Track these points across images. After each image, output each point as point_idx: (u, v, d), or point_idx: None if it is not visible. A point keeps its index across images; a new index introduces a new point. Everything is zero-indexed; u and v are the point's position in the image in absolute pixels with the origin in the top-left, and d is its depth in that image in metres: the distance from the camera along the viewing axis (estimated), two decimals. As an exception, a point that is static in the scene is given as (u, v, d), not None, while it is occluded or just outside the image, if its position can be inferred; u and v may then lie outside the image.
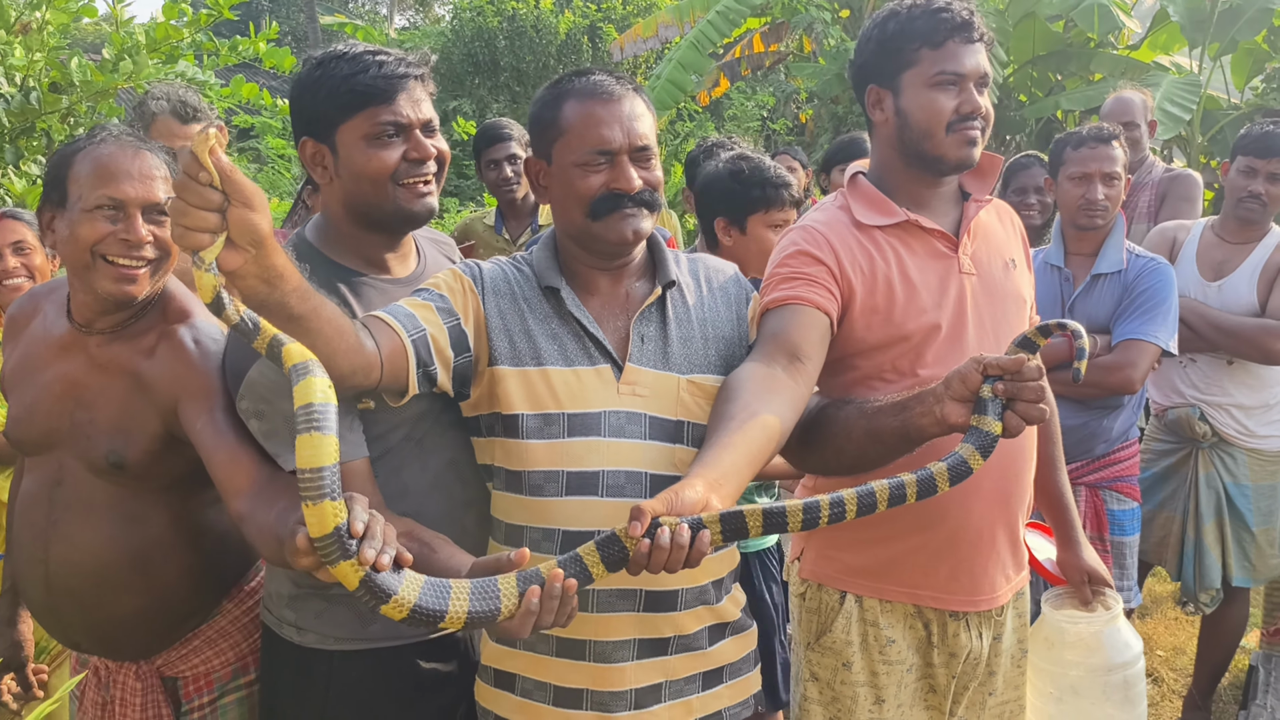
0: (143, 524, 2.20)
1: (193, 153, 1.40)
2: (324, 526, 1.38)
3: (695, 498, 1.58)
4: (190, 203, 1.42)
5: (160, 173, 2.11)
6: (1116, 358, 3.26)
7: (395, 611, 1.45)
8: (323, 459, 1.36)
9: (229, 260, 1.46)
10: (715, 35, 11.25)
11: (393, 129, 1.99)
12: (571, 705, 1.97)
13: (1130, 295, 3.32)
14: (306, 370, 1.40)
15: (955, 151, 2.13)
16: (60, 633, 2.36)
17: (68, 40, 4.75)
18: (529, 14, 16.49)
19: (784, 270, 2.12)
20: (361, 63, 1.98)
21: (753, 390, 1.85)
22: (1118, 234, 3.43)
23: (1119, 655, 2.31)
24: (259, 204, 1.46)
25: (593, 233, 1.97)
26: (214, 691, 2.35)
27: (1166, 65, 11.12)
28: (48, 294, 2.34)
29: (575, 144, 1.95)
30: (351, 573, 1.41)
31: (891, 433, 1.87)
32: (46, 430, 2.22)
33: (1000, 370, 1.70)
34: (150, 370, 2.14)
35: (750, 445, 1.74)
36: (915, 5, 2.14)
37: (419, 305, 1.90)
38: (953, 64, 2.10)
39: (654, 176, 1.98)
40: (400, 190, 2.01)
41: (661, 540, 1.53)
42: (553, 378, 1.95)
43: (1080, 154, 3.43)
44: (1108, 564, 3.34)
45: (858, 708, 2.22)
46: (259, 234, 1.47)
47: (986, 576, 2.21)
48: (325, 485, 1.37)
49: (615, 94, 1.96)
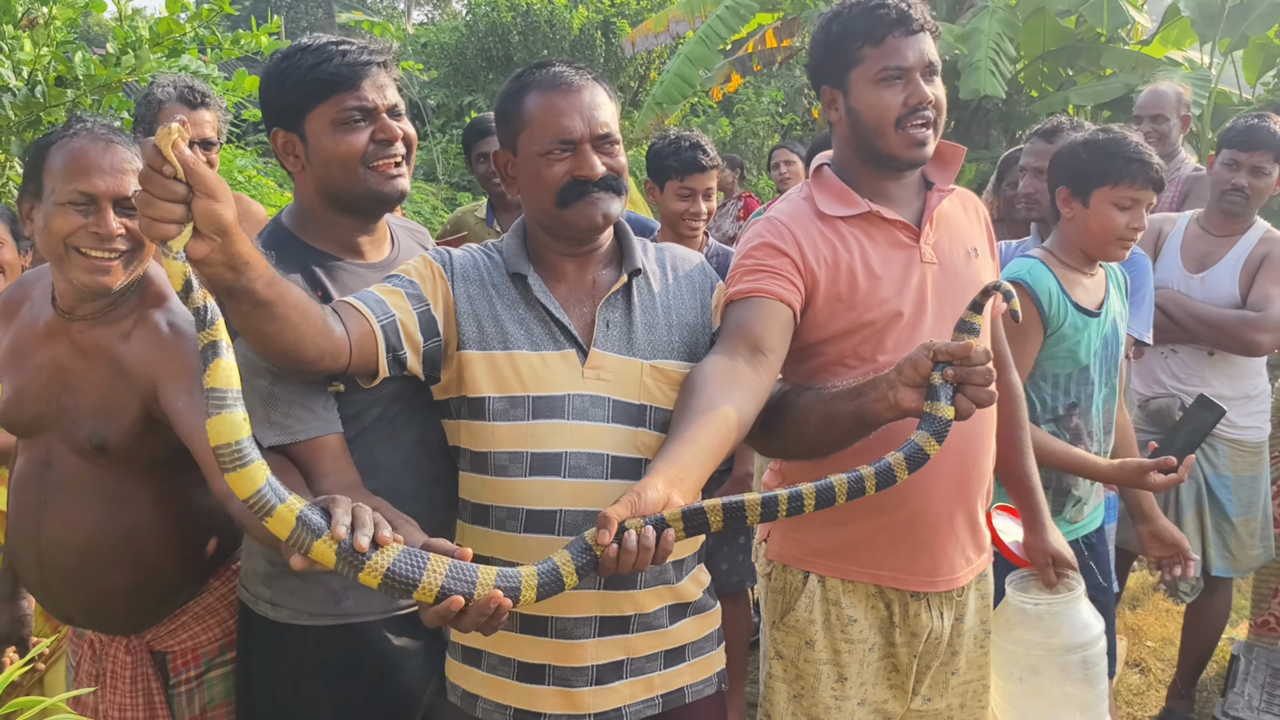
0: (129, 504, 2.26)
1: (156, 146, 1.45)
2: (254, 484, 1.47)
3: (656, 497, 1.64)
4: (155, 194, 1.47)
5: (132, 166, 2.15)
6: None
7: (371, 578, 1.51)
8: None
9: (196, 249, 1.52)
10: (724, 30, 11.27)
11: (359, 114, 2.06)
12: (535, 680, 2.03)
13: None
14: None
15: (905, 151, 2.18)
16: (53, 607, 2.44)
17: (74, 35, 4.82)
18: (543, 9, 16.54)
19: (748, 262, 2.16)
20: (325, 53, 2.05)
21: (715, 384, 1.90)
22: None
23: (1078, 636, 2.35)
24: (222, 195, 1.52)
25: (563, 220, 2.03)
26: (201, 666, 2.42)
27: (1178, 60, 11.08)
28: (36, 280, 2.41)
29: (538, 134, 2.01)
30: (327, 549, 1.49)
31: (847, 417, 1.92)
32: (35, 414, 2.28)
33: (949, 356, 1.74)
34: (127, 354, 2.20)
35: (711, 439, 1.79)
36: (855, 4, 2.19)
37: (389, 291, 1.96)
38: (894, 59, 2.15)
39: (616, 162, 2.04)
40: (370, 173, 2.08)
41: (629, 544, 1.59)
42: (518, 361, 2.00)
43: (1026, 147, 3.56)
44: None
45: (820, 685, 2.28)
46: (223, 223, 1.52)
47: (946, 558, 2.26)
48: (245, 454, 1.46)
49: (575, 84, 2.02)
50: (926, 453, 1.75)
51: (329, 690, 2.17)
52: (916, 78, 2.15)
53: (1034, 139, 3.53)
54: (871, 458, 1.85)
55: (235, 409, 1.44)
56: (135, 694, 2.36)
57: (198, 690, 2.42)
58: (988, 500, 2.36)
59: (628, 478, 1.98)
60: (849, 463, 1.95)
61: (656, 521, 1.62)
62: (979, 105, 11.89)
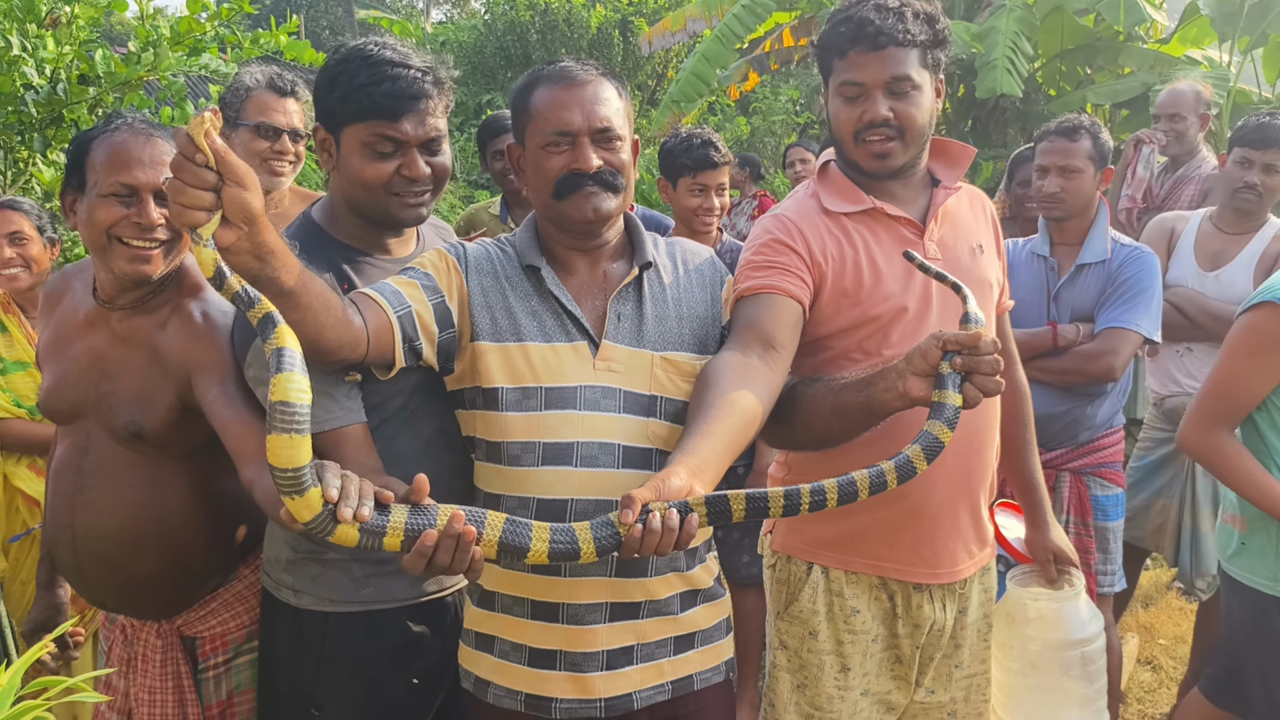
0: (163, 490, 2.32)
1: (188, 134, 1.49)
2: (312, 510, 1.51)
3: (680, 484, 1.67)
4: (187, 182, 1.51)
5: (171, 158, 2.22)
6: (1098, 345, 3.31)
7: (394, 540, 1.58)
8: (300, 459, 1.47)
9: (224, 236, 1.57)
10: (741, 29, 11.28)
11: (391, 145, 2.09)
12: (546, 665, 2.06)
13: (1114, 284, 3.37)
14: (289, 361, 1.47)
15: (866, 162, 2.22)
16: (87, 592, 2.50)
17: (97, 34, 4.88)
18: (561, 8, 16.60)
19: (757, 258, 2.20)
20: (378, 74, 2.06)
21: (730, 379, 1.93)
22: (1101, 223, 3.47)
23: (1077, 632, 2.37)
24: (251, 183, 1.56)
25: (559, 211, 2.07)
26: (229, 652, 2.48)
27: (1197, 59, 11.03)
28: (78, 273, 2.48)
29: (540, 127, 2.06)
30: (351, 531, 1.54)
31: (856, 408, 1.95)
32: (74, 401, 2.35)
33: (958, 345, 1.78)
34: (163, 343, 2.27)
35: (729, 432, 1.82)
36: (835, 13, 2.22)
37: (405, 283, 2.00)
38: (853, 73, 2.17)
39: (616, 159, 2.07)
40: (392, 199, 2.13)
41: (653, 524, 1.62)
42: (531, 353, 2.04)
43: (1042, 147, 3.53)
44: (1090, 548, 3.40)
45: (824, 675, 2.31)
46: (251, 211, 1.57)
47: (948, 550, 2.28)
48: (304, 481, 1.48)
49: (579, 79, 2.06)
50: (941, 441, 1.78)
51: (349, 676, 2.21)
52: (876, 95, 2.16)
53: (1053, 137, 3.51)
54: (879, 448, 1.88)
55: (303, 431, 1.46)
56: (165, 678, 2.42)
57: (225, 676, 2.48)
58: (991, 494, 2.38)
59: (639, 467, 2.02)
60: (856, 453, 1.99)
61: (681, 506, 1.65)
62: (996, 104, 11.87)
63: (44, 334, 2.48)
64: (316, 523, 1.52)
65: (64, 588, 2.77)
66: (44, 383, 2.43)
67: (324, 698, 2.22)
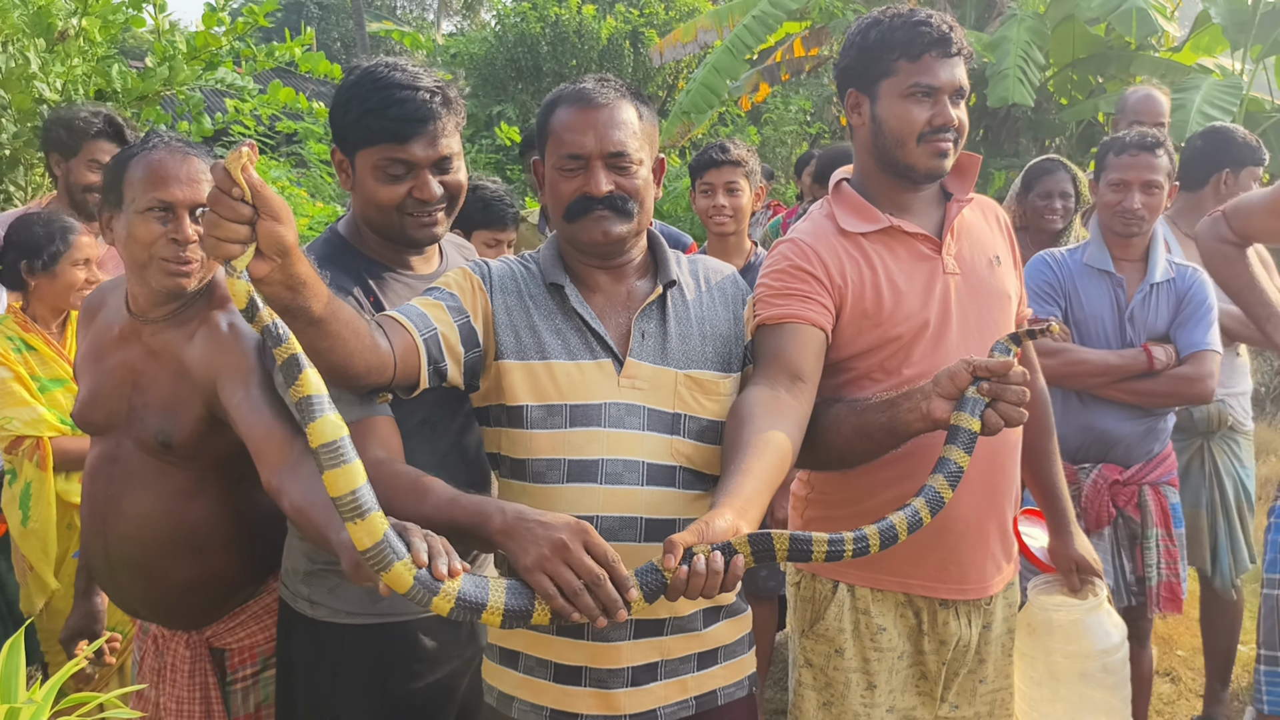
0: (193, 499, 2.35)
1: (225, 169, 1.51)
2: (374, 536, 1.52)
3: (725, 526, 1.68)
4: (223, 216, 1.52)
5: (206, 176, 2.28)
6: (1193, 370, 3.29)
7: (444, 603, 1.59)
8: (354, 482, 1.50)
9: (258, 268, 1.58)
10: (751, 40, 11.27)
11: (402, 168, 2.11)
12: (571, 682, 2.06)
13: (1187, 305, 3.35)
14: (317, 409, 1.50)
15: (926, 161, 2.21)
16: (120, 600, 2.53)
17: (115, 49, 4.91)
18: (571, 19, 16.63)
19: (777, 285, 2.20)
20: (388, 97, 2.09)
21: (762, 415, 1.95)
22: (1159, 240, 3.44)
23: (1100, 643, 2.36)
24: (286, 217, 1.58)
25: (570, 233, 2.09)
26: (257, 664, 2.50)
27: (1209, 67, 11.01)
28: (113, 288, 2.53)
29: (556, 148, 2.07)
30: (405, 572, 1.55)
31: (879, 428, 1.97)
32: (107, 413, 2.39)
33: (988, 371, 1.80)
34: (190, 354, 2.30)
35: (767, 470, 1.84)
36: (897, 16, 2.21)
37: (430, 304, 2.01)
38: (928, 77, 2.17)
39: (629, 183, 2.06)
40: (406, 219, 2.16)
41: (697, 566, 1.64)
42: (556, 370, 2.04)
43: (1122, 160, 3.37)
44: (1177, 558, 3.41)
45: (850, 693, 2.30)
46: (285, 245, 1.58)
47: (975, 566, 2.28)
48: (362, 503, 1.50)
49: (597, 101, 2.06)
50: (961, 467, 1.81)
51: (364, 688, 2.22)
52: (945, 100, 2.18)
53: (1135, 151, 3.36)
54: (898, 468, 1.88)
55: (351, 459, 1.50)
56: (193, 688, 2.43)
57: (253, 688, 2.50)
58: (1015, 506, 2.37)
59: (663, 484, 2.03)
60: (877, 473, 2.02)
61: (724, 548, 1.67)
62: (1008, 113, 11.84)
63: (81, 347, 2.53)
64: (375, 552, 1.53)
65: (100, 596, 2.80)
66: (80, 394, 2.47)
67: (339, 708, 2.23)
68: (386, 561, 1.53)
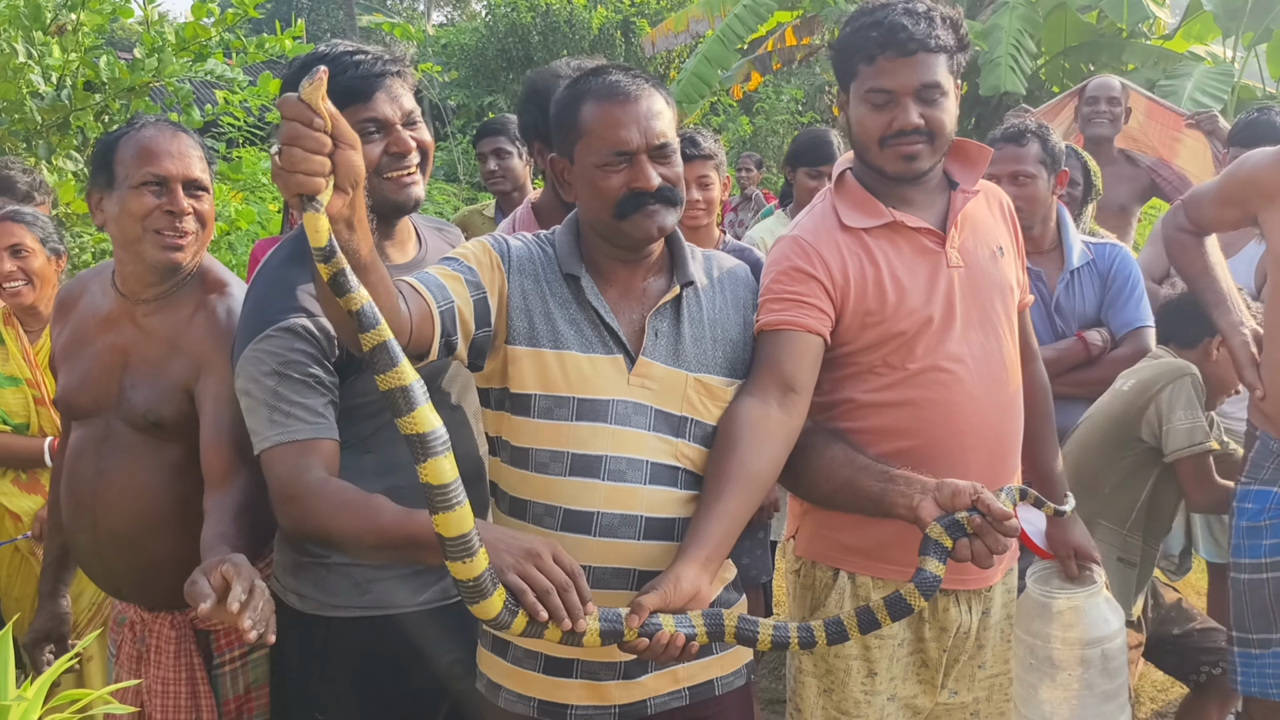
0: (184, 474, 2.32)
1: (305, 101, 1.45)
2: (475, 570, 1.58)
3: (688, 589, 1.78)
4: (308, 148, 1.46)
5: (195, 153, 2.31)
6: (1131, 349, 3.29)
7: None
8: (464, 526, 1.55)
9: (333, 204, 1.53)
10: (742, 29, 11.28)
11: (372, 125, 2.08)
12: (562, 674, 2.05)
13: (1113, 284, 3.35)
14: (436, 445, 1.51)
15: (892, 165, 2.18)
16: (104, 578, 2.51)
17: (103, 40, 4.89)
18: (562, 9, 16.61)
19: (776, 288, 2.17)
20: (340, 63, 2.06)
21: (749, 439, 1.99)
22: (1069, 225, 3.43)
23: (1097, 630, 2.35)
24: (359, 144, 1.56)
25: (620, 230, 2.03)
26: (244, 646, 2.47)
27: (1201, 55, 11.02)
28: (94, 276, 2.53)
29: (595, 145, 2.00)
30: (499, 601, 1.64)
31: (867, 496, 2.01)
32: (95, 396, 2.39)
33: (988, 510, 1.82)
34: (186, 337, 2.31)
35: (742, 508, 1.93)
36: (860, 14, 2.18)
37: (449, 276, 1.96)
38: (883, 80, 2.13)
39: (673, 172, 2.03)
40: (385, 182, 2.11)
41: (659, 642, 1.74)
42: (567, 362, 2.01)
43: (994, 155, 3.35)
44: None
45: (850, 680, 2.29)
46: (360, 174, 1.56)
47: None
48: (471, 543, 1.56)
49: (631, 94, 2.01)
50: (938, 577, 1.86)
51: (353, 681, 2.21)
52: (906, 102, 2.12)
53: (1001, 144, 3.37)
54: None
55: (462, 503, 1.53)
56: (179, 669, 2.41)
57: (241, 670, 2.47)
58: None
59: (665, 484, 2.02)
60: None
61: (688, 633, 1.76)
62: (999, 102, 11.85)
63: (60, 336, 2.51)
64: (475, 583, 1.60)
65: (66, 599, 2.77)
66: (63, 380, 2.46)
67: (327, 701, 2.23)
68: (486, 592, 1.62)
